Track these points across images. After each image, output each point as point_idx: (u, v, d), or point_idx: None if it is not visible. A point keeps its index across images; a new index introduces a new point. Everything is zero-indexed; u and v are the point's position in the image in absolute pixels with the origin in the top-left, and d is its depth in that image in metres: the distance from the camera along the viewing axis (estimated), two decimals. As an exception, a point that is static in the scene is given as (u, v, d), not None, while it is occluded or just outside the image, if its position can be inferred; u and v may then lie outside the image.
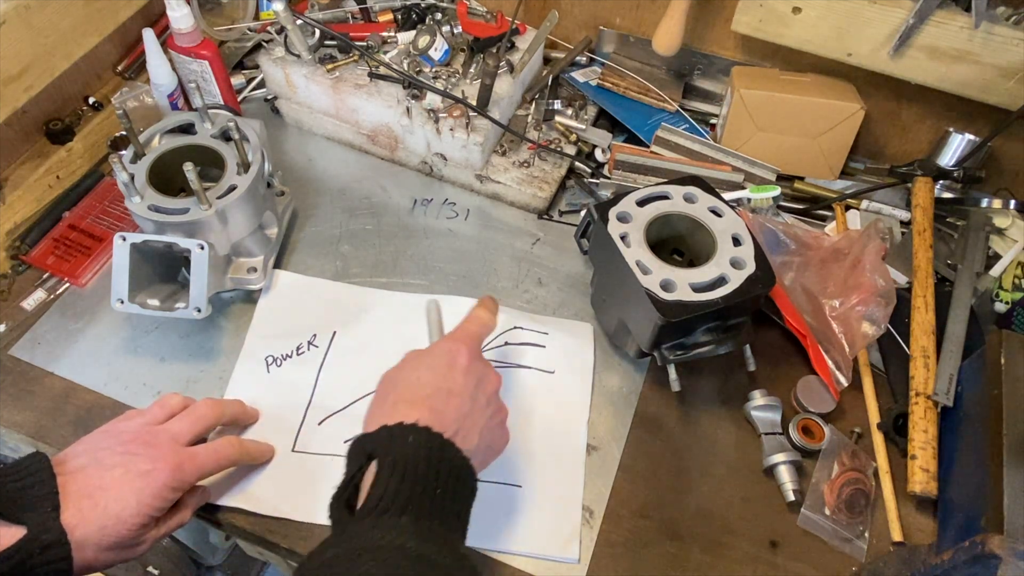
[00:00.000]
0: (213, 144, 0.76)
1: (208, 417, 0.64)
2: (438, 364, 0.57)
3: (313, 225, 0.89)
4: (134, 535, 0.56)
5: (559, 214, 0.92)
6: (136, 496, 0.55)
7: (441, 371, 0.56)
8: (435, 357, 0.58)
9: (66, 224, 0.85)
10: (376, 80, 0.90)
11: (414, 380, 0.56)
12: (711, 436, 0.74)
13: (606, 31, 1.02)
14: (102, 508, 0.54)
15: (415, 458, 0.49)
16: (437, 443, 0.51)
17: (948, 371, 0.74)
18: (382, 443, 0.51)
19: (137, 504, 0.55)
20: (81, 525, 0.53)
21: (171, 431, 0.61)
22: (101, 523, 0.53)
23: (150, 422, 0.61)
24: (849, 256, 0.81)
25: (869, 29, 0.83)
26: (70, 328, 0.78)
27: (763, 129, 0.92)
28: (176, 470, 0.58)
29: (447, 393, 0.55)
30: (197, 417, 0.63)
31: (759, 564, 0.67)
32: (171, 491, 0.57)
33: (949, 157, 0.91)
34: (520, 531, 0.67)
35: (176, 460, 0.58)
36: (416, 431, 0.51)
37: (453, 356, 0.58)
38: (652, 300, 0.66)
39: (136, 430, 0.60)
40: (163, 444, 0.59)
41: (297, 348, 0.77)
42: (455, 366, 0.57)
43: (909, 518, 0.70)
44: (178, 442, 0.60)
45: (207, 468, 0.61)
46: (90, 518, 0.53)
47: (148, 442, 0.59)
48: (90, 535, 0.53)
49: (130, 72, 0.97)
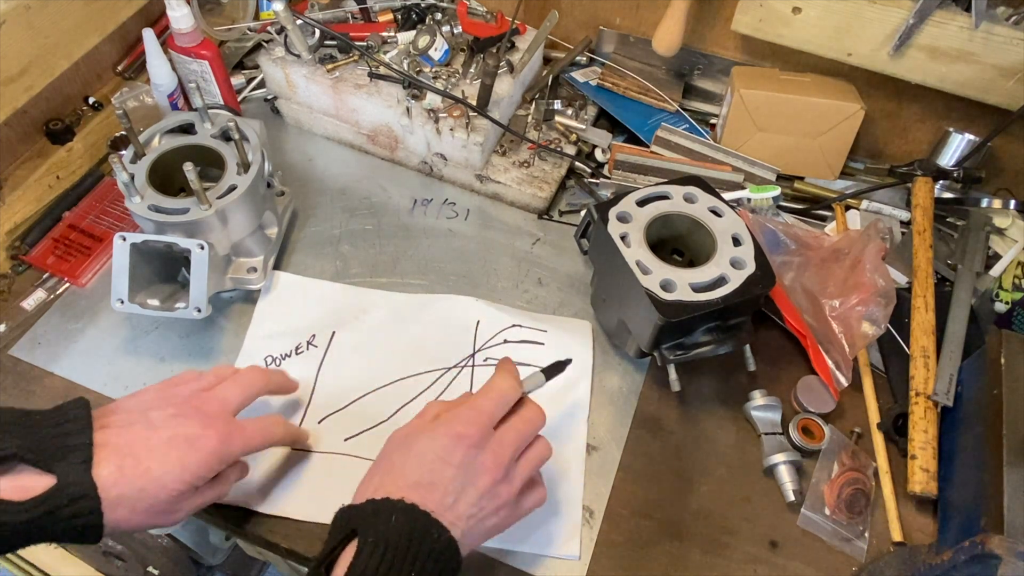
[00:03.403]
0: (213, 144, 0.76)
1: (256, 384, 0.62)
2: (439, 447, 0.54)
3: (313, 225, 0.89)
4: (172, 501, 0.54)
5: (559, 214, 0.92)
6: (181, 462, 0.54)
7: (441, 453, 0.54)
8: (437, 441, 0.55)
9: (66, 224, 0.85)
10: (376, 80, 0.90)
11: (414, 455, 0.54)
12: (711, 436, 0.74)
13: (606, 31, 1.02)
14: (144, 469, 0.52)
15: (397, 538, 0.48)
16: (422, 523, 0.50)
17: (948, 371, 0.74)
18: (366, 519, 0.50)
19: (181, 470, 0.53)
20: (120, 483, 0.51)
21: (221, 397, 0.59)
22: (141, 484, 0.52)
23: (204, 388, 0.60)
24: (849, 256, 0.81)
25: (869, 29, 0.83)
26: (70, 328, 0.78)
27: (763, 129, 0.92)
28: (224, 440, 0.56)
29: (440, 473, 0.53)
30: (247, 384, 0.62)
31: (759, 564, 0.67)
32: (217, 460, 0.56)
33: (949, 157, 0.91)
34: (520, 529, 0.66)
35: (226, 430, 0.57)
36: (401, 509, 0.50)
37: (456, 442, 0.54)
38: (652, 300, 0.66)
39: (188, 395, 0.58)
40: (214, 412, 0.58)
41: (296, 348, 0.77)
42: (455, 450, 0.54)
43: (909, 518, 0.70)
44: (227, 410, 0.59)
45: (254, 443, 0.60)
46: (130, 477, 0.51)
47: (199, 407, 0.57)
48: (127, 495, 0.51)
49: (130, 72, 0.97)
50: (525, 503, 0.58)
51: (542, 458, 0.59)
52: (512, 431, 0.57)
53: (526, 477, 0.57)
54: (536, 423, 0.59)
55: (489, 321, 0.79)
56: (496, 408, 0.57)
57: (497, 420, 0.57)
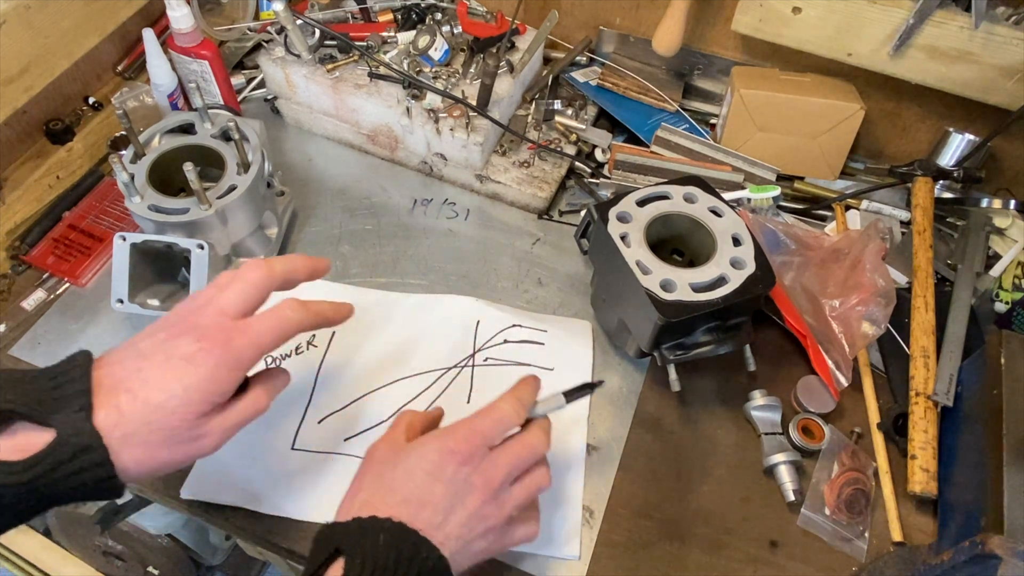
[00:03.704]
0: (213, 144, 0.76)
1: (257, 281, 0.54)
2: (428, 462, 0.52)
3: (313, 225, 0.89)
4: (189, 426, 0.49)
5: (559, 214, 0.92)
6: (180, 382, 0.49)
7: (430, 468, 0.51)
8: (427, 456, 0.52)
9: (66, 224, 0.85)
10: (376, 80, 0.90)
11: (402, 471, 0.52)
12: (711, 436, 0.74)
13: (606, 31, 1.02)
14: (142, 400, 0.47)
15: (385, 559, 0.46)
16: (410, 542, 0.48)
17: (948, 371, 0.74)
18: (352, 538, 0.47)
19: (184, 391, 0.48)
20: (121, 423, 0.47)
21: (216, 305, 0.52)
22: (145, 417, 0.47)
23: (200, 304, 0.53)
24: (849, 256, 0.81)
25: (869, 29, 0.83)
26: (70, 328, 0.78)
27: (763, 129, 0.92)
28: (226, 347, 0.50)
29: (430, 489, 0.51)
30: (245, 283, 0.54)
31: (759, 564, 0.67)
32: (226, 371, 0.50)
33: (949, 157, 0.91)
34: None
35: (224, 336, 0.51)
36: (389, 529, 0.48)
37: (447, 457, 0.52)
38: (652, 300, 0.66)
39: (180, 313, 0.53)
40: (207, 321, 0.51)
41: (296, 348, 0.77)
42: (445, 466, 0.51)
43: (909, 518, 0.70)
44: (226, 315, 0.52)
45: (265, 339, 0.52)
46: (129, 413, 0.47)
47: (192, 323, 0.51)
48: (135, 432, 0.47)
49: (130, 72, 0.97)
50: (515, 533, 0.55)
51: (539, 487, 0.55)
52: (508, 453, 0.54)
53: (519, 504, 0.54)
54: (537, 450, 0.55)
55: (489, 321, 0.79)
56: (492, 430, 0.54)
57: (493, 443, 0.54)
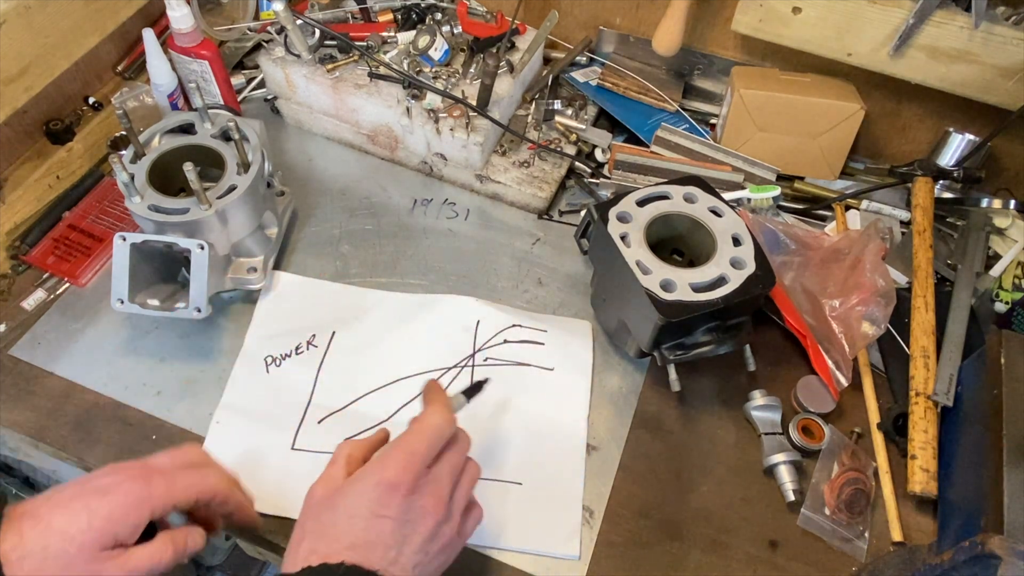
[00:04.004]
0: (213, 144, 0.76)
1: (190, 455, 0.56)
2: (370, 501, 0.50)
3: (313, 225, 0.89)
4: (87, 558, 0.47)
5: (559, 214, 0.92)
6: (87, 508, 0.47)
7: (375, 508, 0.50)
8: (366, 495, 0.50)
9: (66, 224, 0.85)
10: (376, 80, 0.90)
11: (343, 515, 0.50)
12: (711, 436, 0.74)
13: (606, 31, 1.02)
14: (45, 524, 0.46)
15: None
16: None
17: (948, 371, 0.74)
18: None
19: (88, 519, 0.47)
20: (20, 546, 0.45)
21: (143, 460, 0.54)
22: (43, 542, 0.46)
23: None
24: (849, 256, 0.81)
25: (869, 29, 0.83)
26: (70, 328, 0.78)
27: (763, 129, 0.92)
28: (143, 483, 0.50)
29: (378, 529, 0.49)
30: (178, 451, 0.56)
31: (759, 564, 0.67)
32: (134, 509, 0.49)
33: (949, 157, 0.91)
34: (520, 528, 0.67)
35: (144, 473, 0.51)
36: (344, 574, 0.47)
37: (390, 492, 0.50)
38: (652, 300, 0.66)
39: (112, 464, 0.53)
40: (130, 465, 0.52)
41: (296, 348, 0.77)
42: (390, 502, 0.50)
43: (909, 518, 0.70)
44: (151, 465, 0.53)
45: (180, 491, 0.52)
46: (30, 537, 0.46)
47: (115, 467, 0.52)
48: (30, 555, 0.45)
49: (130, 72, 0.97)
50: (467, 528, 0.55)
51: (474, 481, 0.56)
52: (447, 465, 0.54)
53: (463, 506, 0.54)
54: (466, 448, 0.56)
55: (489, 321, 0.79)
56: (429, 449, 0.53)
57: (431, 460, 0.53)
